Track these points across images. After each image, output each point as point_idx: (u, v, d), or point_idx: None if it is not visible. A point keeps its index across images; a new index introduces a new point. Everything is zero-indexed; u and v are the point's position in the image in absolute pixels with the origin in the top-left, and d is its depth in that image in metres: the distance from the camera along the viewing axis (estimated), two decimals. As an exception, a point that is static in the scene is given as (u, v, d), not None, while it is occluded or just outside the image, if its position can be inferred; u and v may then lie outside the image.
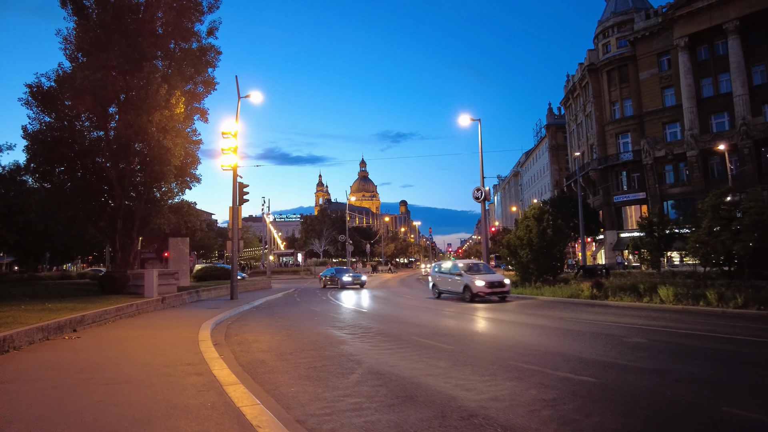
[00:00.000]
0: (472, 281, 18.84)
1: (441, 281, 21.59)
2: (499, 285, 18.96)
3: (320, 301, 21.69)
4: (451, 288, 20.45)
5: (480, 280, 18.81)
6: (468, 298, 18.81)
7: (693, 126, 46.04)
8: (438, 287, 21.78)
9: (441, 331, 10.99)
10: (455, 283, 20.04)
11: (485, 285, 18.63)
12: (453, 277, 20.40)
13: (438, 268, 22.65)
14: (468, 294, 18.85)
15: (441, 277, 21.63)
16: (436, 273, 22.46)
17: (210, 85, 24.24)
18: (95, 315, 11.31)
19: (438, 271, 22.38)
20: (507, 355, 7.99)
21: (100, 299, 14.94)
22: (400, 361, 7.53)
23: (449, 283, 20.70)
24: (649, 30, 50.34)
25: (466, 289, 19.02)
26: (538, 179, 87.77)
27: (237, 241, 21.86)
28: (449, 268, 21.32)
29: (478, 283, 18.69)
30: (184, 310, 16.10)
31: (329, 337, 10.26)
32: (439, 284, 21.71)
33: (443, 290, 21.34)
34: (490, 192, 24.60)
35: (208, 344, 8.75)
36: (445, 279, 21.25)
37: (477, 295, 18.62)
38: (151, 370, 6.45)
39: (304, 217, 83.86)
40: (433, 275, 22.62)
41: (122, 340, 9.23)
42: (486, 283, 18.70)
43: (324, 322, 13.32)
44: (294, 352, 8.60)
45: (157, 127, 20.18)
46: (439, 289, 21.67)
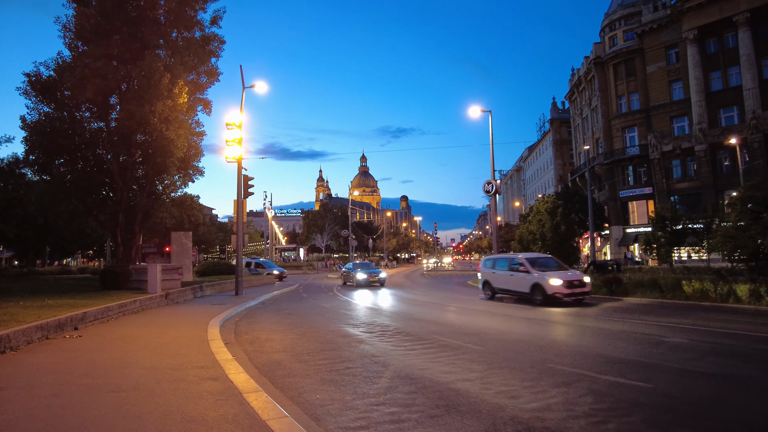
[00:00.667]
0: (545, 279, 15.45)
1: (497, 278, 18.27)
2: (579, 284, 15.52)
3: (328, 297, 21.12)
4: (512, 287, 17.24)
5: (556, 278, 15.37)
6: (539, 300, 15.46)
7: (701, 120, 45.32)
8: (492, 285, 18.47)
9: (467, 329, 10.42)
10: (518, 280, 16.76)
11: (564, 284, 15.18)
12: (515, 274, 17.01)
13: (492, 263, 19.19)
14: (539, 295, 15.50)
15: (497, 274, 18.31)
16: (488, 269, 19.06)
17: (213, 76, 23.60)
18: (97, 312, 10.74)
19: (492, 266, 18.95)
20: (542, 356, 7.42)
21: (101, 295, 14.37)
22: (429, 364, 6.96)
23: (509, 281, 17.43)
24: (657, 22, 49.53)
25: (536, 290, 15.67)
26: (542, 174, 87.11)
27: (242, 235, 21.28)
28: (509, 263, 17.94)
29: (554, 282, 15.26)
30: (189, 307, 15.53)
31: (346, 336, 9.69)
32: (494, 282, 18.37)
33: (499, 289, 18.13)
34: (500, 185, 23.90)
35: (218, 344, 8.18)
36: (503, 276, 17.88)
37: (552, 297, 15.15)
38: (160, 374, 5.88)
39: (306, 212, 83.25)
40: (485, 271, 19.23)
41: (127, 339, 8.66)
42: (564, 281, 15.26)
43: (336, 319, 12.76)
44: (311, 352, 8.03)
45: (159, 118, 19.55)
46: (494, 288, 18.40)
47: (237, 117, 21.05)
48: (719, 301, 13.26)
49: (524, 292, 16.34)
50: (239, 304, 16.51)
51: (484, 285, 19.05)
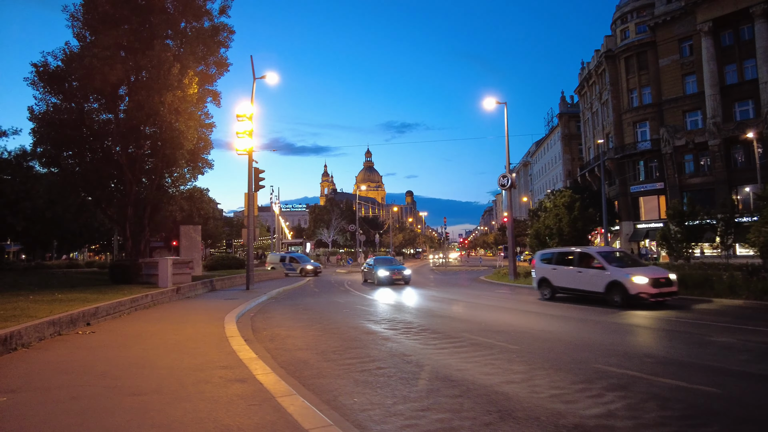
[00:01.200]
0: (627, 277, 13.05)
1: (558, 276, 15.63)
2: (666, 283, 13.10)
3: (340, 292, 20.72)
4: (580, 285, 14.66)
5: (641, 275, 12.97)
6: (618, 301, 13.14)
7: (716, 114, 44.53)
8: (552, 284, 15.81)
9: (496, 327, 9.98)
10: (588, 278, 14.24)
11: (650, 282, 12.78)
12: (585, 271, 14.45)
13: (552, 257, 16.56)
14: (618, 296, 13.16)
15: (558, 271, 15.67)
16: (546, 265, 16.34)
17: (223, 66, 23.13)
18: (109, 307, 10.36)
19: (551, 261, 16.29)
20: (585, 355, 6.97)
21: (112, 289, 14.01)
22: (465, 364, 6.53)
23: (575, 279, 14.82)
24: (671, 15, 48.63)
25: (614, 289, 13.29)
26: (550, 169, 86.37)
27: (253, 229, 20.90)
28: (575, 257, 15.37)
29: (638, 279, 12.85)
30: (201, 301, 15.17)
31: (369, 333, 9.27)
32: (555, 279, 15.70)
33: (562, 288, 15.52)
34: (515, 179, 23.27)
35: (238, 341, 7.78)
36: (567, 273, 15.27)
37: (636, 297, 12.79)
38: (183, 375, 5.47)
39: (312, 207, 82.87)
40: (542, 268, 16.49)
41: (142, 336, 8.27)
42: (650, 279, 12.84)
43: (355, 315, 12.34)
44: (336, 350, 7.61)
45: (168, 109, 19.15)
46: (555, 287, 15.76)
47: (247, 108, 20.65)
48: (752, 298, 12.69)
49: (596, 291, 13.93)
50: (251, 298, 16.15)
51: (541, 283, 16.32)
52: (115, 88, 19.78)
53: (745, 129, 41.70)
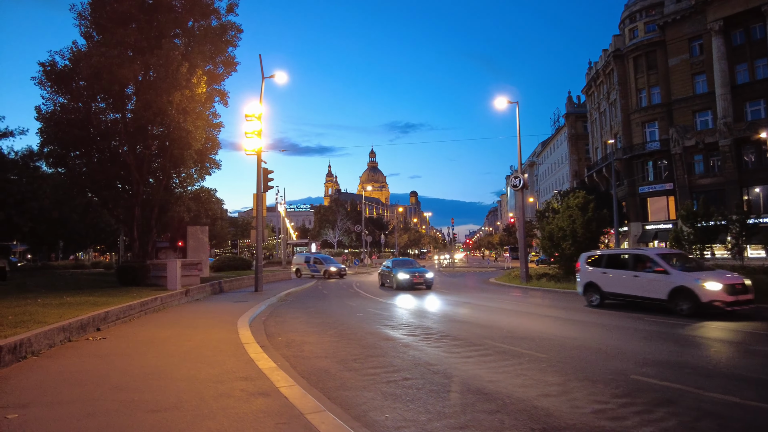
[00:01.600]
0: (696, 282, 11.64)
1: (610, 280, 13.96)
2: (742, 290, 11.60)
3: (350, 294, 20.42)
4: (637, 291, 13.05)
5: (714, 281, 11.54)
6: (686, 309, 11.69)
7: (726, 114, 43.99)
8: (601, 289, 14.15)
9: (518, 333, 9.65)
10: (647, 283, 12.73)
11: (724, 289, 11.35)
12: (643, 275, 12.94)
13: (601, 258, 14.86)
14: (686, 303, 11.74)
15: (610, 275, 14.01)
16: (593, 268, 14.69)
17: (230, 66, 22.87)
18: (119, 311, 10.10)
19: (600, 263, 14.65)
20: (619, 365, 6.64)
21: (120, 292, 13.76)
22: (496, 375, 6.20)
23: (631, 284, 13.23)
24: (680, 13, 48.10)
25: (680, 296, 11.89)
26: (556, 170, 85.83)
27: (262, 230, 20.62)
28: (629, 259, 13.95)
29: (711, 285, 11.45)
30: (211, 304, 14.90)
31: (388, 340, 8.95)
32: (606, 284, 14.04)
33: (615, 294, 13.89)
34: (527, 179, 22.82)
35: (255, 348, 7.49)
36: (621, 277, 13.66)
37: (709, 305, 11.40)
38: (202, 388, 5.18)
39: (318, 207, 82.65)
40: (588, 271, 14.78)
41: (154, 342, 7.98)
42: (725, 285, 11.42)
43: (369, 319, 12.03)
44: (357, 358, 7.31)
45: (176, 109, 18.91)
46: (605, 292, 14.11)
47: (256, 108, 20.35)
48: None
49: (657, 298, 12.47)
50: (261, 301, 15.87)
51: (588, 288, 14.63)
52: (123, 87, 19.57)
53: (757, 129, 41.20)
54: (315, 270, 33.89)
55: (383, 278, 24.04)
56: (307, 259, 35.41)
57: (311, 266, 34.36)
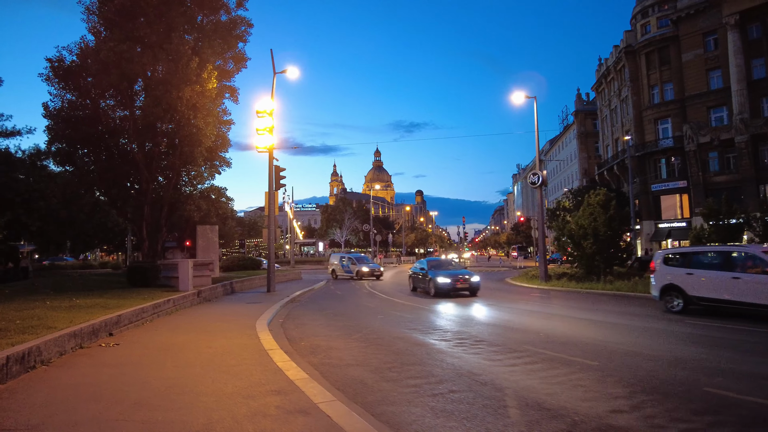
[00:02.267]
0: None
1: (699, 283, 12.03)
2: None
3: (364, 295, 19.84)
4: (736, 296, 11.17)
5: None
6: None
7: (743, 110, 43.08)
8: (685, 292, 12.22)
9: (554, 337, 9.04)
10: (752, 287, 10.87)
11: None
12: (745, 277, 11.09)
13: (685, 257, 12.97)
14: None
15: (698, 276, 12.08)
16: (673, 268, 12.84)
17: (240, 61, 22.41)
18: (132, 314, 9.57)
19: (684, 262, 12.75)
20: (686, 375, 6.03)
21: (131, 293, 13.25)
22: (551, 386, 5.61)
23: (729, 287, 11.32)
24: (695, 8, 47.21)
25: None
26: (565, 168, 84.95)
27: (274, 229, 20.08)
28: (724, 258, 12.07)
29: None
30: (224, 306, 14.37)
31: (419, 345, 8.37)
32: (693, 287, 12.14)
33: (703, 297, 11.96)
34: (546, 176, 22.06)
35: (280, 355, 6.93)
36: (714, 279, 11.77)
37: None
38: (232, 404, 4.62)
39: (324, 207, 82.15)
40: (669, 271, 12.85)
41: (171, 349, 7.44)
42: None
43: (393, 322, 11.45)
44: (392, 366, 6.73)
45: (186, 105, 18.44)
46: (690, 296, 12.17)
47: (267, 104, 19.80)
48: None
49: (763, 304, 10.62)
50: (275, 302, 15.33)
51: (667, 291, 12.71)
52: (132, 83, 19.11)
53: (774, 125, 40.37)
54: (348, 271, 32.15)
55: (416, 282, 20.55)
56: (341, 260, 33.51)
57: (345, 267, 32.56)
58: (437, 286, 17.86)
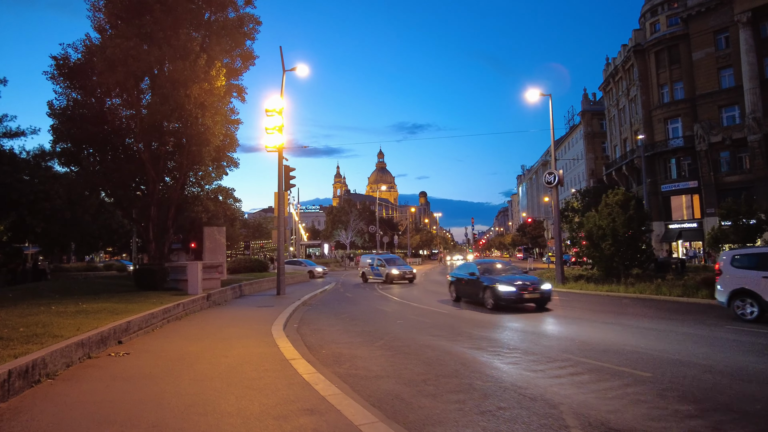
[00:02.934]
0: None
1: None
2: None
3: (375, 297, 19.31)
4: None
5: None
6: None
7: (755, 109, 42.40)
8: (762, 297, 10.99)
9: (591, 345, 8.48)
10: None
11: None
12: None
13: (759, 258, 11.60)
14: None
15: None
16: (745, 271, 11.52)
17: (248, 59, 21.90)
18: (141, 320, 9.05)
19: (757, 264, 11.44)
20: (759, 390, 5.47)
21: (138, 297, 12.75)
22: (609, 401, 5.06)
23: None
24: (705, 6, 46.57)
25: None
26: (572, 168, 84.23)
27: (283, 230, 19.59)
28: None
29: None
30: (235, 310, 13.86)
31: (450, 354, 7.80)
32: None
33: None
34: (563, 176, 21.45)
35: (304, 366, 6.40)
36: None
37: None
38: (263, 428, 4.09)
39: (329, 208, 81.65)
40: (738, 274, 11.58)
41: (186, 359, 6.92)
42: None
43: (413, 327, 10.90)
44: (426, 379, 6.18)
45: (194, 103, 17.93)
46: None
47: (277, 102, 19.34)
48: None
49: None
50: (286, 305, 14.81)
51: (737, 296, 11.39)
52: (138, 81, 18.63)
53: (789, 124, 39.77)
54: (378, 274, 29.21)
55: (460, 289, 16.46)
56: (371, 262, 30.56)
57: (374, 269, 29.64)
58: (499, 295, 13.92)
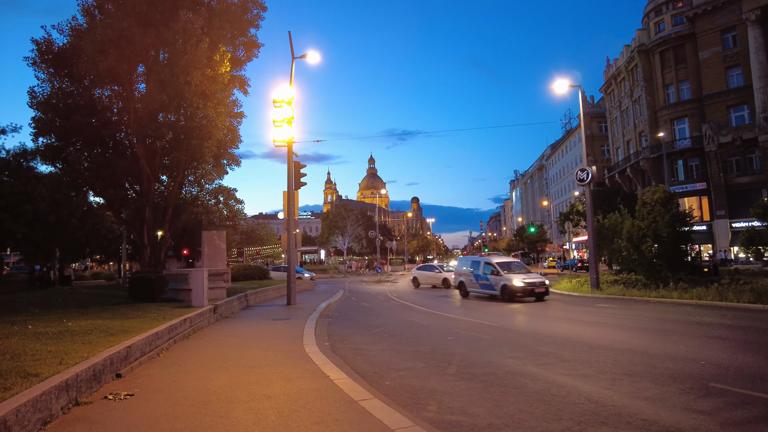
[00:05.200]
0: None
1: None
2: None
3: (396, 307, 17.44)
4: None
5: None
6: None
7: (766, 108, 41.46)
8: None
9: (725, 367, 6.70)
10: None
11: None
12: None
13: None
14: None
15: None
16: None
17: (252, 48, 20.10)
18: (144, 343, 7.11)
19: None
20: None
21: (135, 311, 10.78)
22: None
23: None
24: (711, 4, 45.70)
25: None
26: (569, 172, 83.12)
27: (293, 233, 17.67)
28: None
29: None
30: (247, 324, 11.92)
31: (562, 386, 5.93)
32: None
33: None
34: (595, 177, 19.79)
35: (384, 412, 4.54)
36: None
37: None
38: None
39: (325, 213, 79.64)
40: None
41: (213, 402, 5.00)
42: None
43: (474, 345, 9.05)
44: (562, 429, 4.34)
45: (196, 92, 16.04)
46: None
47: (286, 92, 17.45)
48: None
49: None
50: (303, 317, 12.91)
51: None
52: (133, 66, 16.69)
53: (801, 123, 38.87)
54: (487, 286, 19.42)
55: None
56: (473, 269, 20.70)
57: (481, 278, 19.86)
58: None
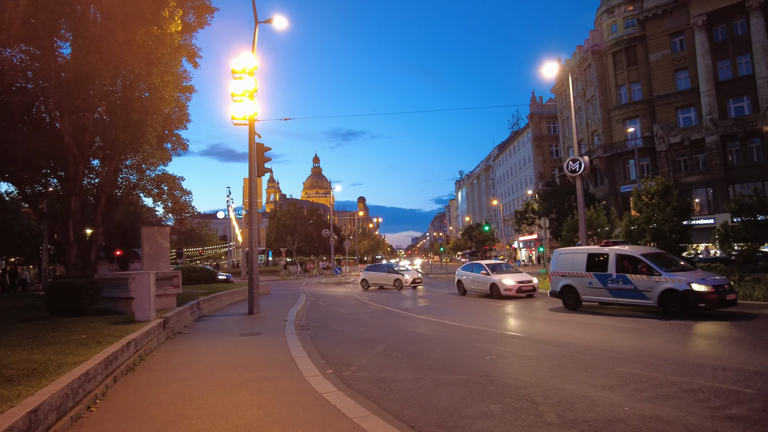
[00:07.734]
0: None
1: None
2: None
3: (377, 312, 15.16)
4: None
5: None
6: None
7: (712, 110, 42.88)
8: None
9: None
10: None
11: None
12: None
13: None
14: None
15: None
16: None
17: (203, 13, 17.11)
18: (63, 395, 4.44)
19: None
20: None
21: (55, 331, 7.88)
22: None
23: None
24: (662, 8, 46.86)
25: None
26: (517, 171, 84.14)
27: (256, 228, 14.95)
28: None
29: None
30: (209, 343, 9.24)
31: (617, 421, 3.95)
32: None
33: None
34: (589, 168, 18.42)
35: None
36: None
37: None
38: None
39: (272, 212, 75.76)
40: None
41: None
42: None
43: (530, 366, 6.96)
44: None
45: (138, 54, 13.01)
46: None
47: (248, 60, 14.72)
48: None
49: None
50: (276, 331, 10.42)
51: None
52: (54, 19, 13.27)
53: (744, 125, 40.36)
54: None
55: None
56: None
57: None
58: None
